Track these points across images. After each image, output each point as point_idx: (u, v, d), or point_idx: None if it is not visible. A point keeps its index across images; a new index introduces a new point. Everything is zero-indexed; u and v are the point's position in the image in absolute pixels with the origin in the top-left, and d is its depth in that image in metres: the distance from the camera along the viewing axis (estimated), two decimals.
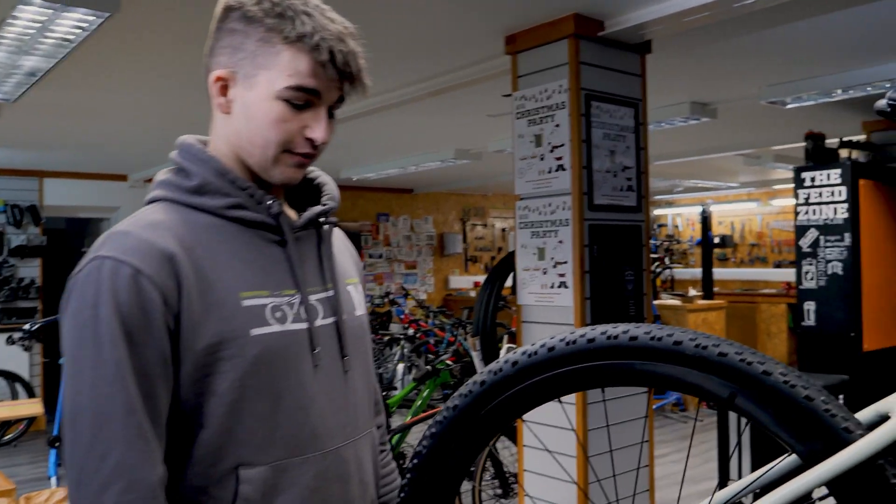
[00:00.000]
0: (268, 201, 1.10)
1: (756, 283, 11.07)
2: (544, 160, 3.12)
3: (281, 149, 1.07)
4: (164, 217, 1.06)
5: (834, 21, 3.30)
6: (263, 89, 1.05)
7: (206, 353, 1.00)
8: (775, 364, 0.90)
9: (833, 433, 0.86)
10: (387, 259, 10.48)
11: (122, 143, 6.16)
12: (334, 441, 1.11)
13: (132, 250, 0.98)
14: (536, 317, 3.18)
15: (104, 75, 3.93)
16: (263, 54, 1.05)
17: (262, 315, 1.05)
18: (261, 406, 1.03)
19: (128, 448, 0.93)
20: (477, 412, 1.03)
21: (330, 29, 1.05)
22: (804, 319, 4.76)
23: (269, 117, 1.05)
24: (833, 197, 4.66)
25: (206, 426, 1.01)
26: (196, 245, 1.04)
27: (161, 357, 0.98)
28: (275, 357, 1.05)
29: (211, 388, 1.01)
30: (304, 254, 1.15)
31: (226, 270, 1.05)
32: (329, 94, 1.08)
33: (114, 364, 0.94)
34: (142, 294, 0.97)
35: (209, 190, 1.08)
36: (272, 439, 1.04)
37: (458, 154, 6.63)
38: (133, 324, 0.96)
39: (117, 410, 0.94)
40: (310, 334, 1.10)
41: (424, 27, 3.21)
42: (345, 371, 1.16)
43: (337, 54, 1.04)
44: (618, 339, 0.95)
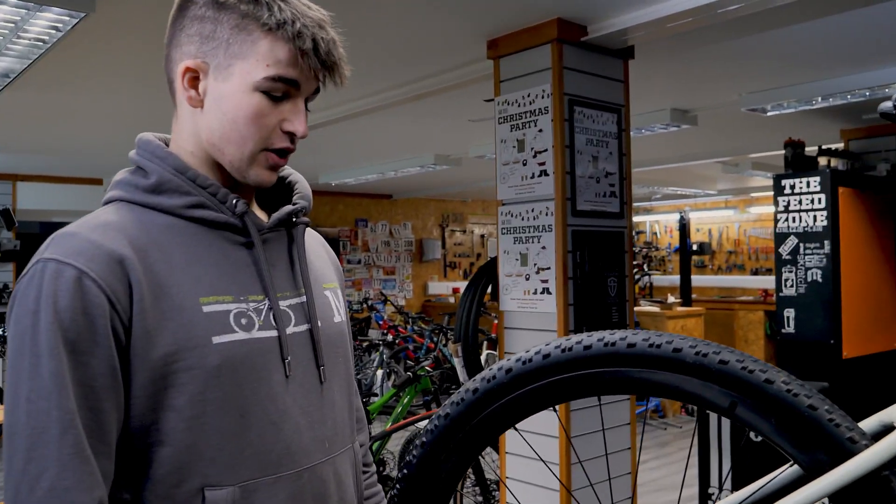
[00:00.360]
0: (232, 200, 1.03)
1: (733, 290, 11.15)
2: (527, 165, 3.10)
3: (259, 146, 1.01)
4: (116, 218, 0.97)
5: (814, 29, 3.31)
6: (239, 80, 0.98)
7: (163, 364, 0.92)
8: (777, 372, 0.88)
9: (837, 443, 0.84)
10: (365, 265, 10.41)
11: (96, 146, 6.06)
12: (311, 458, 1.03)
13: (77, 252, 0.90)
14: (519, 323, 3.15)
15: (79, 77, 3.85)
16: (238, 43, 0.98)
17: (226, 322, 0.97)
18: (226, 421, 0.95)
19: (62, 469, 0.85)
20: (469, 421, 0.99)
21: (310, 16, 1.00)
22: (784, 326, 4.78)
23: (247, 111, 0.99)
24: (813, 205, 4.68)
25: (166, 444, 0.93)
26: (151, 247, 0.96)
27: (108, 367, 0.89)
28: (240, 367, 0.96)
29: (169, 401, 0.93)
30: (274, 256, 1.07)
31: (184, 274, 0.97)
32: (307, 85, 1.02)
33: (50, 376, 0.86)
34: (86, 298, 0.88)
35: (167, 188, 1.00)
36: (240, 457, 0.96)
37: (438, 160, 6.60)
38: (76, 331, 0.88)
39: (53, 427, 0.85)
40: (280, 342, 1.01)
41: (405, 31, 3.18)
42: (321, 382, 1.07)
43: (320, 42, 0.99)
44: (615, 346, 0.92)
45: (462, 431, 0.99)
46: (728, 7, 2.73)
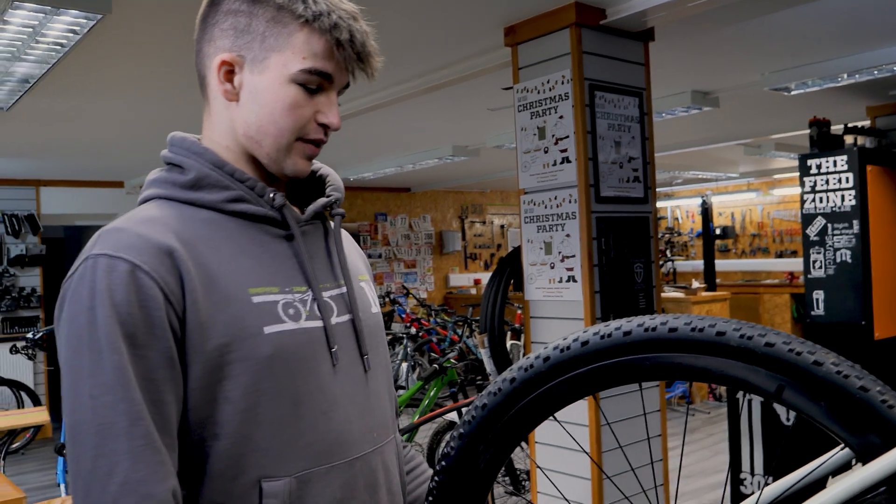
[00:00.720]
0: (270, 194, 1.03)
1: (758, 274, 11.03)
2: (548, 153, 3.07)
3: (294, 136, 1.02)
4: (159, 213, 0.98)
5: (837, 4, 3.24)
6: (276, 73, 0.99)
7: (217, 355, 0.92)
8: (826, 353, 0.85)
9: (891, 425, 0.81)
10: (386, 259, 10.42)
11: (117, 149, 6.10)
12: (361, 448, 1.04)
13: (128, 246, 0.90)
14: (545, 312, 3.13)
15: (98, 80, 3.87)
16: (274, 35, 0.98)
17: (275, 312, 0.97)
18: (280, 411, 0.95)
19: (135, 461, 0.85)
20: (507, 411, 0.97)
21: (344, 8, 1.00)
22: (814, 308, 4.72)
23: (284, 102, 0.99)
24: (840, 184, 4.61)
25: (222, 437, 0.93)
26: (196, 240, 0.96)
27: (167, 359, 0.89)
28: (291, 357, 0.97)
29: (224, 393, 0.92)
30: (313, 249, 1.08)
31: (231, 266, 0.97)
32: (340, 78, 1.03)
33: (114, 370, 0.86)
34: (141, 291, 0.88)
35: (207, 184, 1.01)
36: (294, 447, 0.96)
37: (456, 150, 6.57)
38: (133, 324, 0.87)
39: (120, 421, 0.85)
40: (326, 332, 1.02)
41: (420, 21, 3.15)
42: (365, 371, 1.08)
43: (356, 33, 0.99)
44: (656, 332, 0.90)
45: (500, 422, 0.98)
46: None
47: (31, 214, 7.55)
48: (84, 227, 8.76)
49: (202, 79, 1.05)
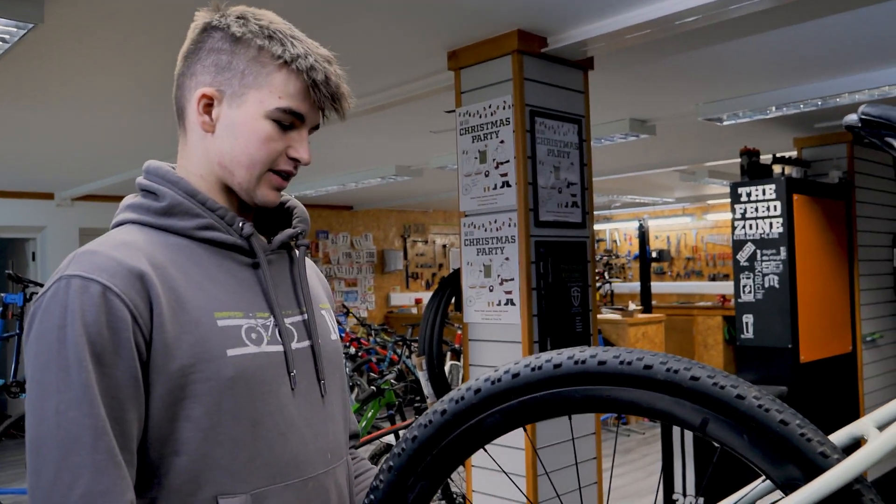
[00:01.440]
0: (239, 223, 1.09)
1: (692, 296, 11.31)
2: (489, 176, 3.09)
3: (265, 167, 1.08)
4: (132, 237, 1.03)
5: (768, 41, 3.37)
6: (253, 108, 1.06)
7: (180, 375, 0.96)
8: (749, 387, 0.87)
9: (809, 458, 0.83)
10: (327, 277, 10.32)
11: (49, 160, 5.91)
12: (315, 468, 1.08)
13: (101, 268, 0.95)
14: (483, 335, 3.14)
15: (28, 90, 3.74)
16: (253, 74, 1.05)
17: (239, 335, 1.02)
18: (239, 431, 1.00)
19: (97, 475, 0.89)
20: (438, 443, 0.97)
21: (320, 52, 1.08)
22: (743, 332, 4.85)
23: (258, 136, 1.06)
24: (769, 212, 4.77)
25: (182, 453, 0.97)
26: (168, 265, 1.01)
27: (131, 379, 0.94)
28: (252, 379, 1.02)
29: (185, 412, 0.97)
30: (278, 277, 1.14)
31: (199, 291, 1.02)
32: (313, 117, 1.10)
33: (81, 387, 0.90)
34: (111, 312, 0.93)
35: (179, 211, 1.06)
36: (252, 466, 1.00)
37: (400, 170, 6.58)
38: (102, 344, 0.92)
39: (85, 436, 0.89)
40: (286, 357, 1.07)
41: (365, 42, 3.15)
42: (322, 395, 1.13)
43: (331, 76, 1.07)
44: (586, 364, 0.91)
45: (430, 454, 0.97)
46: (685, 19, 2.76)
47: None
48: (10, 239, 8.43)
49: (181, 110, 1.11)
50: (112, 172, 6.56)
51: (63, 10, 2.64)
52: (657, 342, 7.95)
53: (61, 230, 8.00)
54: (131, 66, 3.22)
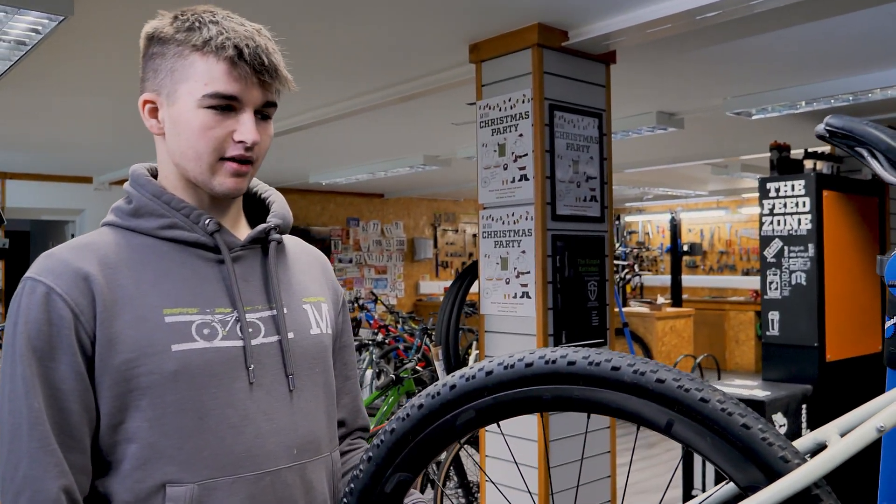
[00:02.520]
0: (205, 220, 1.11)
1: (724, 291, 11.18)
2: (507, 170, 3.11)
3: (214, 156, 1.08)
4: (97, 239, 1.09)
5: (797, 35, 3.32)
6: (185, 101, 1.07)
7: (125, 368, 1.01)
8: (713, 391, 0.89)
9: (770, 462, 0.85)
10: (357, 264, 10.42)
11: (85, 145, 6.06)
12: (276, 462, 1.09)
13: (48, 270, 1.03)
14: (499, 327, 3.17)
15: (64, 78, 3.85)
16: (180, 69, 1.07)
17: (187, 331, 1.05)
18: (184, 422, 1.03)
19: (31, 461, 0.97)
20: (415, 436, 1.00)
21: (237, 30, 1.07)
22: (769, 329, 4.80)
23: (195, 127, 1.07)
24: (797, 208, 4.70)
25: (133, 441, 1.02)
26: (121, 265, 1.06)
27: (73, 372, 1.00)
28: (197, 373, 1.04)
29: (134, 402, 1.02)
30: (248, 272, 1.15)
31: (153, 288, 1.06)
32: (250, 95, 1.07)
33: (21, 379, 0.98)
34: (52, 311, 1.00)
35: (145, 212, 1.11)
36: (199, 457, 1.03)
37: (427, 160, 6.61)
38: (42, 339, 0.99)
39: (23, 424, 0.97)
40: (244, 351, 1.08)
41: (390, 34, 3.18)
42: (290, 390, 1.12)
43: (244, 50, 1.05)
44: (556, 364, 0.93)
45: (408, 447, 1.00)
46: (706, 14, 2.74)
47: None
48: (50, 222, 8.67)
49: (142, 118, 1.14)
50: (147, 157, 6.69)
51: (93, 2, 2.71)
52: (685, 336, 7.89)
53: (99, 213, 8.20)
54: None
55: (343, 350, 1.32)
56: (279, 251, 1.22)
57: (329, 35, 3.19)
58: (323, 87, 4.09)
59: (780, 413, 4.27)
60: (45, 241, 9.02)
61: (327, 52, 3.43)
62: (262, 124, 1.10)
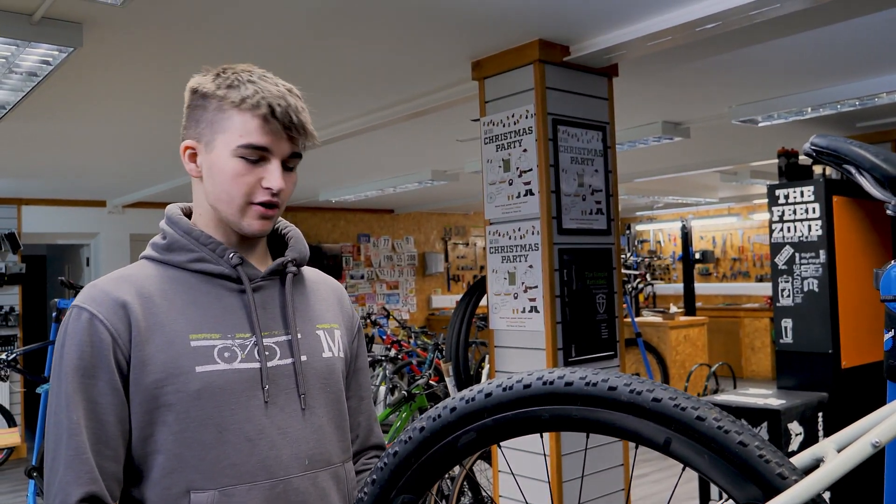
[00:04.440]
0: (229, 254, 1.25)
1: (739, 298, 11.12)
2: (513, 185, 3.13)
3: (244, 200, 1.22)
4: (135, 272, 1.24)
5: (800, 42, 3.33)
6: (221, 150, 1.21)
7: (154, 387, 1.14)
8: (710, 409, 0.90)
9: (767, 479, 0.86)
10: (368, 280, 10.45)
11: (98, 170, 6.13)
12: (288, 471, 1.21)
13: (92, 299, 1.17)
14: (508, 342, 3.17)
15: (75, 106, 3.91)
16: (219, 121, 1.21)
17: (210, 354, 1.18)
18: (205, 436, 1.15)
19: (67, 468, 1.10)
20: (418, 458, 1.02)
21: (271, 90, 1.20)
22: (782, 337, 4.77)
23: (229, 174, 1.20)
24: (807, 214, 4.68)
25: (160, 452, 1.15)
26: (156, 295, 1.20)
27: (111, 388, 1.14)
28: (218, 392, 1.17)
29: (161, 417, 1.15)
30: (268, 301, 1.28)
31: (181, 315, 1.19)
32: (279, 148, 1.21)
33: (64, 395, 1.12)
34: (94, 335, 1.14)
35: (176, 247, 1.25)
36: (219, 467, 1.16)
37: (435, 175, 6.64)
38: (85, 359, 1.13)
39: (63, 434, 1.11)
40: (261, 373, 1.20)
41: (394, 53, 3.22)
42: (302, 408, 1.24)
43: (276, 108, 1.18)
44: (553, 385, 0.95)
45: (411, 469, 1.02)
46: (706, 26, 2.75)
47: (11, 233, 7.54)
48: (66, 246, 8.76)
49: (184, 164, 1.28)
50: (159, 181, 6.77)
51: (101, 34, 2.76)
52: (699, 345, 7.85)
53: (113, 236, 8.30)
54: (169, 81, 3.35)
55: (358, 373, 1.43)
56: (297, 281, 1.34)
57: (336, 55, 3.23)
58: (330, 107, 4.13)
59: (796, 421, 4.24)
60: (61, 265, 9.11)
61: (335, 71, 3.47)
62: (287, 174, 1.23)
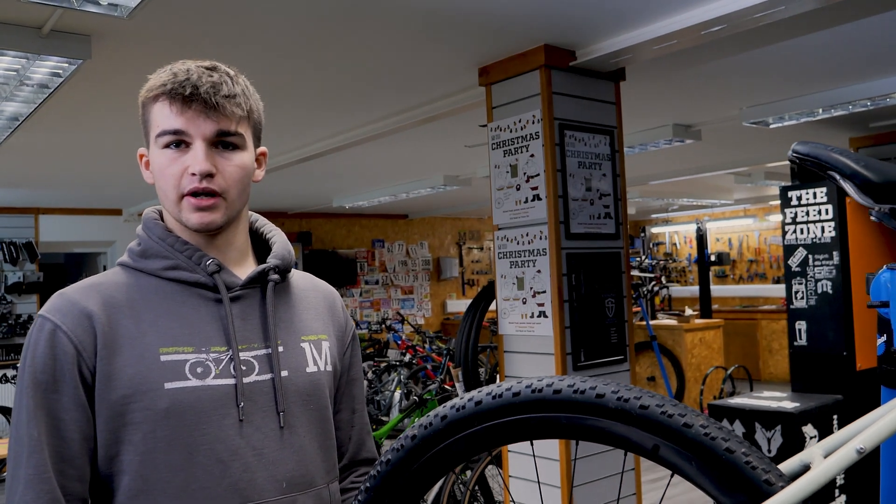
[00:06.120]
0: (206, 261, 1.16)
1: (756, 300, 11.03)
2: (520, 190, 3.13)
3: (176, 193, 1.14)
4: (106, 279, 1.16)
5: (811, 42, 3.31)
6: (153, 148, 1.16)
7: (120, 404, 1.07)
8: (696, 416, 0.90)
9: (755, 485, 0.86)
10: (383, 285, 10.47)
11: (113, 178, 6.20)
12: (262, 495, 1.12)
13: (56, 309, 1.10)
14: (518, 346, 3.18)
15: (87, 116, 3.96)
16: (147, 120, 1.17)
17: (180, 370, 1.10)
18: (174, 457, 1.08)
19: (26, 487, 1.04)
20: (410, 466, 1.02)
21: (181, 72, 1.13)
22: (796, 339, 4.74)
23: (157, 168, 1.15)
24: (820, 216, 4.65)
25: (126, 472, 1.08)
26: (126, 305, 1.12)
27: (74, 403, 1.07)
28: (188, 410, 1.09)
29: (127, 436, 1.08)
30: (248, 311, 1.18)
31: (151, 328, 1.11)
32: (196, 128, 1.12)
33: (25, 410, 1.06)
34: (57, 347, 1.07)
35: (151, 254, 1.18)
36: (188, 490, 1.08)
37: (448, 180, 6.66)
38: (46, 373, 1.06)
39: (23, 452, 1.05)
40: (236, 389, 1.12)
41: (402, 60, 3.23)
42: (280, 427, 1.16)
43: (184, 88, 1.10)
44: (542, 393, 0.95)
45: (403, 477, 1.03)
46: (711, 29, 2.75)
47: (29, 242, 7.65)
48: (83, 254, 8.86)
49: None
50: None
51: (109, 45, 2.80)
52: (715, 347, 7.80)
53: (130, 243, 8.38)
54: None
55: (351, 384, 1.34)
56: (281, 290, 1.24)
57: (344, 64, 3.25)
58: (341, 114, 4.16)
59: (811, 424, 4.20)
60: (78, 273, 9.22)
61: (344, 80, 3.49)
62: (226, 153, 1.14)
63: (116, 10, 2.34)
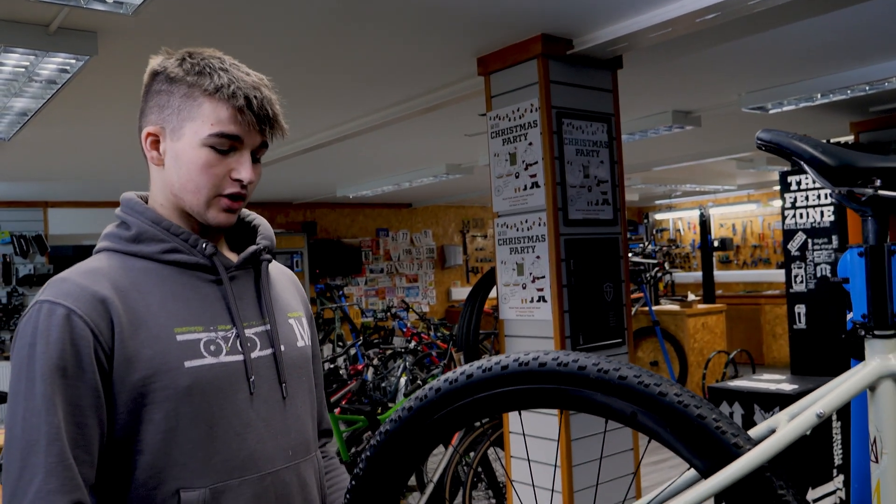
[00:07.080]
0: (202, 244, 1.20)
1: (760, 285, 11.08)
2: (519, 178, 3.19)
3: (212, 192, 1.17)
4: (102, 265, 1.15)
5: (809, 27, 3.34)
6: (190, 139, 1.15)
7: (141, 385, 1.09)
8: (671, 385, 0.97)
9: (724, 448, 0.93)
10: (388, 273, 10.56)
11: (120, 171, 6.28)
12: (274, 464, 1.19)
13: (67, 294, 1.08)
14: (518, 331, 3.25)
15: (94, 111, 4.03)
16: (187, 108, 1.16)
17: (197, 348, 1.13)
18: (196, 432, 1.11)
19: (47, 475, 1.01)
20: (407, 435, 1.10)
21: (245, 80, 1.17)
22: (795, 322, 4.80)
23: (198, 163, 1.15)
24: (819, 200, 4.70)
25: (146, 452, 1.09)
26: (131, 288, 1.14)
27: (92, 389, 1.06)
28: (208, 387, 1.13)
29: (148, 416, 1.09)
30: (242, 291, 1.24)
31: (161, 309, 1.14)
32: (250, 139, 1.18)
33: (41, 397, 1.03)
34: (74, 332, 1.06)
35: (145, 238, 1.18)
36: (209, 463, 1.12)
37: (450, 169, 6.71)
38: (64, 359, 1.05)
39: (41, 440, 1.02)
40: (245, 365, 1.18)
41: (402, 51, 3.29)
42: (283, 397, 1.23)
43: (252, 100, 1.15)
44: (528, 366, 1.02)
45: (401, 445, 1.10)
46: (706, 16, 2.79)
47: (38, 235, 7.75)
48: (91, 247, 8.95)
49: (142, 148, 1.22)
50: None
51: (115, 42, 2.87)
52: (718, 332, 7.85)
53: None
54: None
55: (315, 360, 1.40)
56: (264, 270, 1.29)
57: (346, 55, 3.31)
58: (343, 104, 4.22)
59: None
60: None
61: (345, 71, 3.55)
62: (255, 165, 1.20)
63: (122, 7, 2.40)
